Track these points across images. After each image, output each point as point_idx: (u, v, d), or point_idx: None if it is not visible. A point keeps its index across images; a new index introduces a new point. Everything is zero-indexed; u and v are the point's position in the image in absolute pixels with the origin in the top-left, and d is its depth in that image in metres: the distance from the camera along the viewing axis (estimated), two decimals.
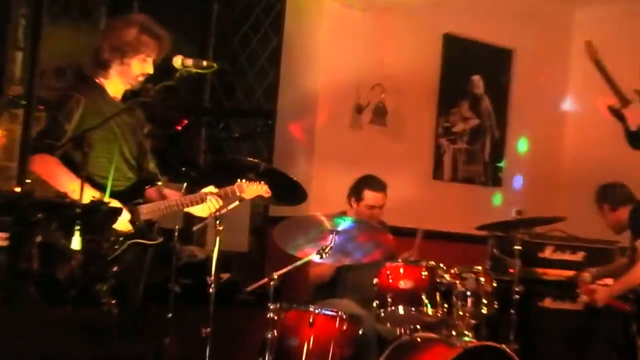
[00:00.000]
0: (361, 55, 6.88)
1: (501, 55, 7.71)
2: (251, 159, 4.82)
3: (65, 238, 3.75)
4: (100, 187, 4.25)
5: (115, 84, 4.54)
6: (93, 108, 4.41)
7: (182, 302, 4.80)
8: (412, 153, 7.20)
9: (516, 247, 5.84)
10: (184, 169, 5.06)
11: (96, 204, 3.89)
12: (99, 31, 6.81)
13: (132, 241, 4.39)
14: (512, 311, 5.71)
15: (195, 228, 5.07)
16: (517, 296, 5.73)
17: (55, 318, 3.61)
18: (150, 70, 4.53)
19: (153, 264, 4.60)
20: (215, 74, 6.80)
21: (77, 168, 4.19)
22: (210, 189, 4.57)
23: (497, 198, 7.65)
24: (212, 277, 4.51)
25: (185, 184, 4.70)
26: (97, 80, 4.53)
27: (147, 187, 4.58)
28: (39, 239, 3.72)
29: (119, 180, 4.44)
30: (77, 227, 3.71)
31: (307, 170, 6.65)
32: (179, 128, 5.11)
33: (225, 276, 6.03)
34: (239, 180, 4.61)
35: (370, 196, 5.79)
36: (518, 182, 7.79)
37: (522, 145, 7.84)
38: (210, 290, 4.51)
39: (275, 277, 4.66)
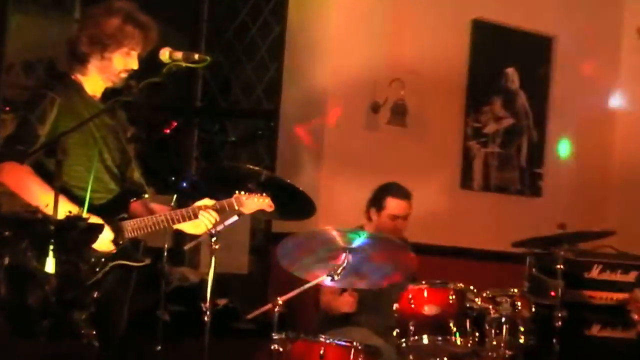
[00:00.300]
0: (377, 45, 6.90)
1: (540, 44, 7.72)
2: (251, 167, 4.84)
3: (37, 259, 3.76)
4: (78, 200, 4.26)
5: (94, 81, 4.55)
6: (69, 109, 4.43)
7: (172, 332, 4.83)
8: (436, 158, 7.21)
9: (558, 266, 5.86)
10: (173, 178, 5.09)
11: (73, 220, 3.90)
12: (72, 20, 6.88)
13: (114, 263, 4.40)
14: (554, 340, 5.73)
15: (187, 247, 5.08)
16: (560, 323, 5.75)
17: (27, 352, 3.63)
18: (134, 65, 4.55)
19: (139, 288, 4.61)
20: (209, 69, 6.84)
21: (51, 178, 4.21)
22: (204, 202, 4.59)
23: None
24: (207, 304, 4.53)
25: (175, 197, 4.72)
26: (73, 77, 4.54)
27: (131, 200, 4.59)
28: (6, 260, 3.73)
29: (100, 191, 4.46)
30: (51, 247, 3.73)
31: (316, 179, 6.67)
32: (168, 131, 5.12)
33: (222, 302, 6.06)
34: (237, 191, 4.63)
35: (393, 204, 5.83)
36: None
37: (564, 149, 7.83)
38: (205, 318, 4.54)
39: (280, 302, 4.67)
